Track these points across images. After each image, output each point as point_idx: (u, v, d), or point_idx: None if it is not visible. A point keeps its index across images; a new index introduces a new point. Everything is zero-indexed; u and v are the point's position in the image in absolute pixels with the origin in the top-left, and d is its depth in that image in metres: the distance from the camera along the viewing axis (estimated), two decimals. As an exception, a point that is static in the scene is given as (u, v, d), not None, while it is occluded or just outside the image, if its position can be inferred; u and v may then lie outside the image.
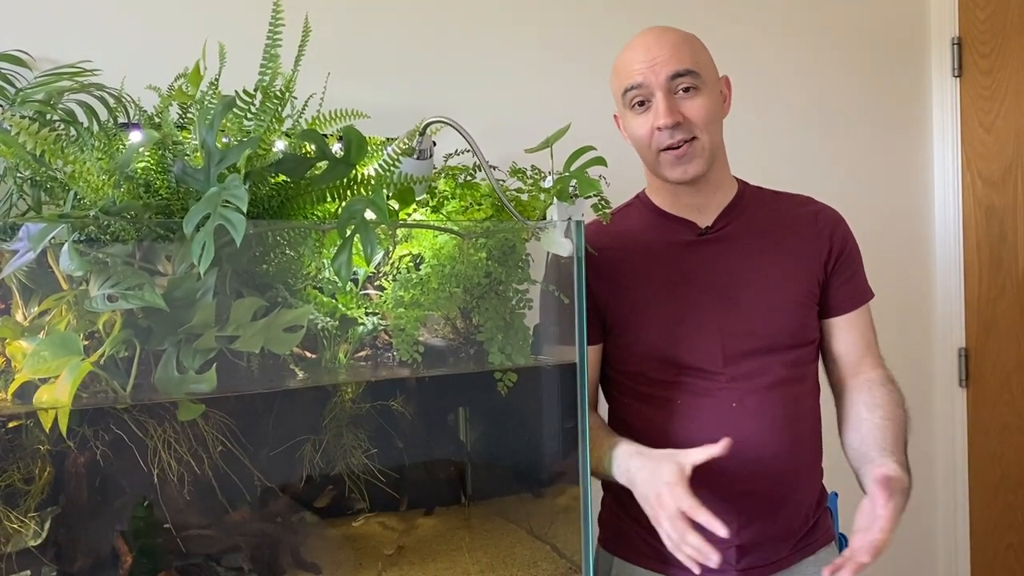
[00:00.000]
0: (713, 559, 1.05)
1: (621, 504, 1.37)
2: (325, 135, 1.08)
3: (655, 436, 1.30)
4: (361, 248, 0.98)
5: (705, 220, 1.34)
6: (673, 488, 1.09)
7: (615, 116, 1.34)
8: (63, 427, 0.97)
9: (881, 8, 2.29)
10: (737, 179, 1.38)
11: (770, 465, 1.26)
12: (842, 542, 1.45)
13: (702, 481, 1.26)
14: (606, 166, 1.23)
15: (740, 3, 2.08)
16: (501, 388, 1.20)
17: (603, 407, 1.42)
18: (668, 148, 1.25)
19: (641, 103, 1.25)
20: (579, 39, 1.86)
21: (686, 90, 1.23)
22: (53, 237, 0.91)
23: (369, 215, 1.00)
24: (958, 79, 2.35)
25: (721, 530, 1.05)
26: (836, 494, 1.43)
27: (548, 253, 1.24)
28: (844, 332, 1.36)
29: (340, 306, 1.15)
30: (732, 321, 1.28)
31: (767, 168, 1.51)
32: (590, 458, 1.21)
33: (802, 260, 1.33)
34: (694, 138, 1.24)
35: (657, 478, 1.12)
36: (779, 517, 1.29)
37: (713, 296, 1.29)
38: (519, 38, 1.81)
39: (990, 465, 2.34)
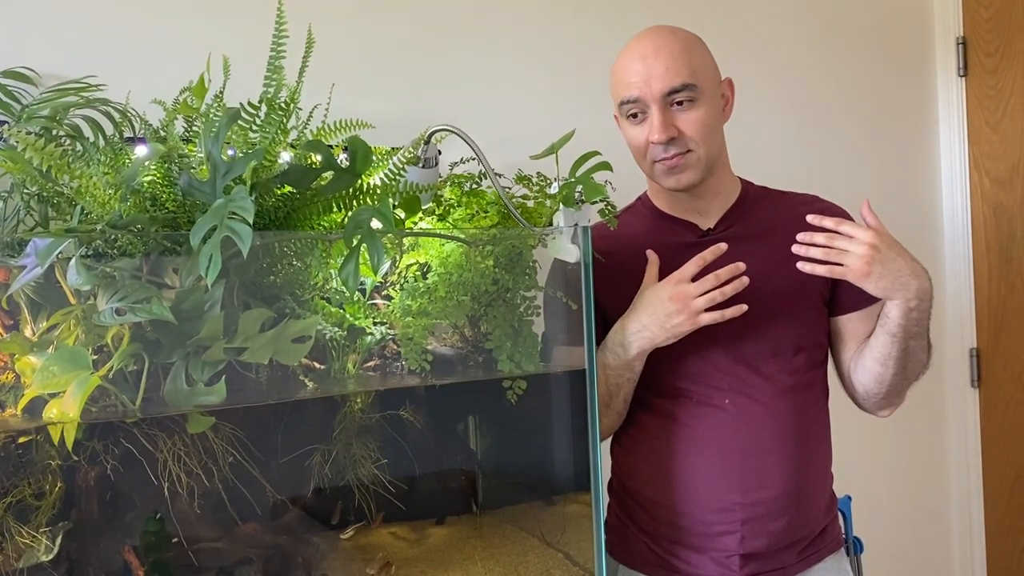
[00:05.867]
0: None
1: (626, 510, 1.36)
2: (330, 145, 1.09)
3: (657, 445, 1.29)
4: (368, 258, 0.98)
5: (707, 223, 1.33)
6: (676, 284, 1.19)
7: (616, 116, 1.33)
8: (69, 442, 0.97)
9: (885, 8, 2.29)
10: (742, 180, 1.37)
11: (774, 474, 1.25)
12: (857, 545, 1.44)
13: (704, 490, 1.26)
14: (612, 171, 1.22)
15: (743, 3, 2.08)
16: (511, 396, 1.19)
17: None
18: (662, 159, 1.25)
19: (635, 115, 1.25)
20: (583, 46, 1.86)
21: (681, 103, 1.23)
22: (60, 252, 0.92)
23: (375, 224, 1.00)
24: (963, 78, 2.34)
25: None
26: (849, 497, 1.42)
27: (552, 259, 1.24)
28: (855, 330, 1.33)
29: (348, 316, 1.14)
30: (734, 326, 1.27)
31: (772, 168, 1.51)
32: (602, 388, 1.23)
33: (807, 261, 1.30)
34: (688, 151, 1.24)
35: (659, 298, 1.20)
36: (784, 525, 1.27)
37: None
38: (523, 46, 1.81)
39: (1004, 466, 2.33)
